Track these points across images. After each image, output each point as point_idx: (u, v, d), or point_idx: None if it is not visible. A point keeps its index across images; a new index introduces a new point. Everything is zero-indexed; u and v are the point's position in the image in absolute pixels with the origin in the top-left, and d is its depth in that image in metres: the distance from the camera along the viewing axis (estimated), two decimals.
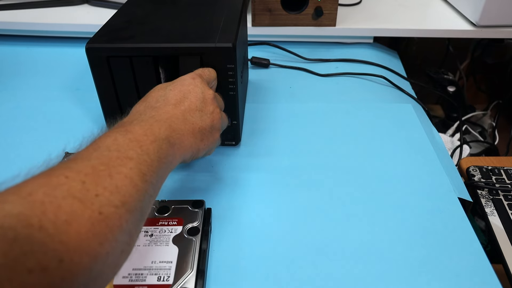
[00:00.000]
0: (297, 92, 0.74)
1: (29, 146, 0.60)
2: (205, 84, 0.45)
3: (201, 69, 0.48)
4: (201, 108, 0.43)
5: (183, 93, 0.43)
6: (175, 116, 0.40)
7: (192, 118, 0.41)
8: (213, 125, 0.44)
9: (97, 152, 0.32)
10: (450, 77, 1.13)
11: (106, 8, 0.94)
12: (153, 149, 0.34)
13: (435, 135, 0.68)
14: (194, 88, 0.43)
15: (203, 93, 0.44)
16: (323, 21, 0.85)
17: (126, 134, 0.34)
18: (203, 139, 0.42)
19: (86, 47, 0.50)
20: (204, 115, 0.43)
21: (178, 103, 0.41)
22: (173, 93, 0.42)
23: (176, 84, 0.44)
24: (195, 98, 0.43)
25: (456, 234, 0.47)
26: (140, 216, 0.32)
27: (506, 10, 0.81)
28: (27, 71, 0.80)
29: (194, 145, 0.41)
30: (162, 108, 0.40)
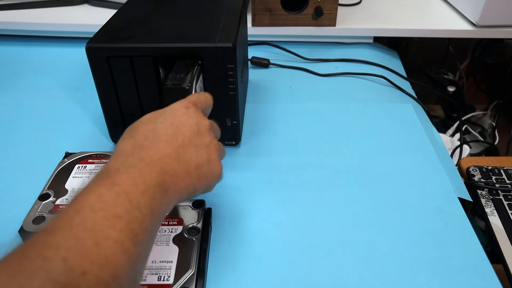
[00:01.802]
0: (297, 92, 0.74)
1: (29, 146, 0.60)
2: (199, 114, 0.40)
3: (196, 95, 0.43)
4: (196, 143, 0.38)
5: (176, 126, 0.37)
6: (167, 156, 0.35)
7: (187, 155, 0.36)
8: (211, 159, 0.39)
9: (79, 215, 0.27)
10: (450, 77, 1.13)
11: (106, 8, 0.94)
12: (145, 201, 0.30)
13: (435, 135, 0.68)
14: (188, 120, 0.38)
15: (198, 124, 0.39)
16: (323, 21, 0.85)
17: (112, 187, 0.30)
18: (200, 177, 0.37)
19: (86, 47, 0.50)
20: (200, 149, 0.38)
21: (170, 139, 0.36)
22: (163, 127, 0.37)
23: (167, 115, 0.38)
24: (189, 131, 0.38)
25: (456, 234, 0.47)
26: (133, 285, 0.28)
27: (506, 10, 0.81)
28: (27, 71, 0.80)
29: (190, 186, 0.36)
30: (152, 147, 0.35)
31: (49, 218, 0.28)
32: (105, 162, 0.53)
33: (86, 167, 0.53)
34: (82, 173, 0.52)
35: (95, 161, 0.54)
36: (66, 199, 0.48)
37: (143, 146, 0.35)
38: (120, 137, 0.58)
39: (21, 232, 0.45)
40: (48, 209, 0.47)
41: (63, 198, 0.48)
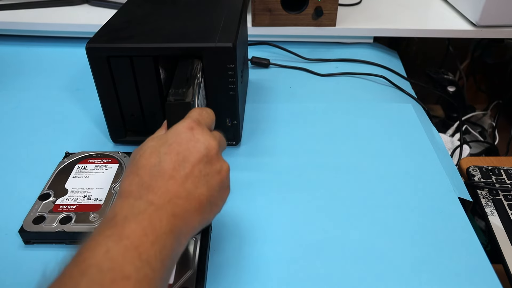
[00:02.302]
0: (297, 92, 0.74)
1: (29, 146, 0.60)
2: (206, 133, 0.36)
3: (198, 111, 0.39)
4: (207, 171, 0.34)
5: (182, 156, 0.34)
6: (177, 196, 0.32)
7: (198, 189, 0.33)
8: (223, 185, 0.36)
9: (86, 277, 0.26)
10: (450, 77, 1.13)
11: (106, 8, 0.94)
12: (155, 252, 0.28)
13: (435, 135, 0.68)
14: (195, 145, 0.34)
15: (206, 148, 0.35)
16: (323, 21, 0.85)
17: (120, 240, 0.28)
18: (212, 209, 0.35)
19: (87, 47, 0.51)
20: (211, 178, 0.34)
21: (178, 173, 0.33)
22: (169, 159, 0.33)
23: (171, 143, 0.34)
24: (197, 159, 0.34)
25: (456, 234, 0.47)
26: None
27: (506, 10, 0.81)
28: (27, 71, 0.80)
29: (202, 221, 0.34)
30: (160, 187, 0.32)
31: (53, 278, 0.26)
32: (105, 162, 0.53)
33: (86, 167, 0.53)
34: (82, 173, 0.52)
35: (95, 161, 0.54)
36: (66, 199, 0.48)
37: (150, 186, 0.32)
38: (120, 137, 0.58)
39: (21, 232, 0.45)
40: (48, 209, 0.47)
41: (63, 198, 0.48)
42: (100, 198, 0.48)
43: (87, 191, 0.49)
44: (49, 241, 0.46)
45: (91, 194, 0.49)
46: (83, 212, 0.46)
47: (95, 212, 0.46)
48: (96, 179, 0.51)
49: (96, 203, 0.48)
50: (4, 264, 0.44)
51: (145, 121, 0.58)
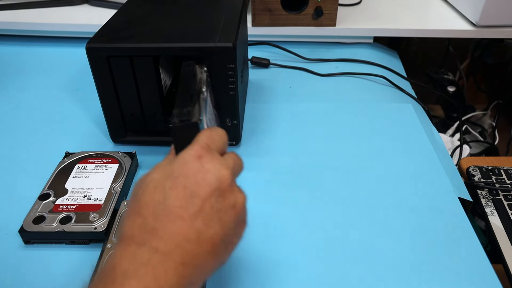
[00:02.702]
0: (297, 92, 0.74)
1: (29, 146, 0.60)
2: (216, 161, 0.31)
3: (207, 134, 0.33)
4: (219, 207, 0.30)
5: (190, 190, 0.29)
6: (186, 238, 0.28)
7: (210, 229, 0.29)
8: (238, 220, 0.31)
9: None
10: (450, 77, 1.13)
11: (106, 8, 0.94)
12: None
13: (435, 135, 0.68)
14: (205, 177, 0.30)
15: (218, 180, 0.30)
16: (323, 21, 0.85)
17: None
18: (228, 248, 0.31)
19: (87, 47, 0.51)
20: (224, 214, 0.30)
21: (186, 211, 0.28)
22: (175, 195, 0.29)
23: (178, 176, 0.30)
24: (208, 193, 0.29)
25: (456, 234, 0.47)
26: None
27: (506, 10, 0.81)
28: (27, 71, 0.80)
29: (216, 264, 0.30)
30: (166, 229, 0.28)
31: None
32: (105, 162, 0.53)
33: (86, 167, 0.53)
34: (82, 173, 0.52)
35: (95, 161, 0.54)
36: (66, 199, 0.48)
37: (154, 228, 0.28)
38: (120, 137, 0.58)
39: (21, 232, 0.45)
40: (48, 209, 0.47)
41: (63, 198, 0.48)
42: (100, 198, 0.48)
43: (87, 191, 0.49)
44: (49, 241, 0.46)
45: (91, 194, 0.49)
46: (83, 212, 0.46)
47: (95, 212, 0.46)
48: (96, 179, 0.51)
49: (96, 203, 0.48)
50: (4, 264, 0.44)
51: (145, 121, 0.58)
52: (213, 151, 0.32)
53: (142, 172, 0.56)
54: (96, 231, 0.45)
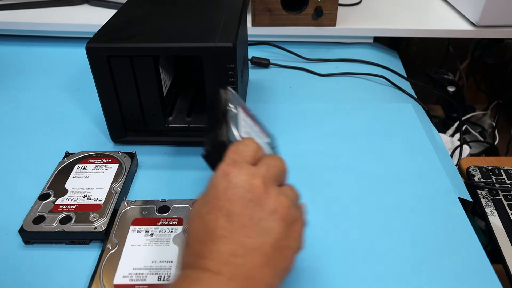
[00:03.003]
0: (297, 92, 0.74)
1: (29, 146, 0.60)
2: (243, 173, 0.31)
3: (233, 148, 0.34)
4: (259, 216, 0.30)
5: (225, 209, 0.30)
6: (233, 254, 0.28)
7: (255, 240, 0.29)
8: (286, 222, 0.31)
9: None
10: (450, 77, 1.13)
11: (106, 8, 0.94)
12: None
13: (435, 135, 0.68)
14: (234, 192, 0.30)
15: (249, 191, 0.30)
16: (323, 21, 0.85)
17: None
18: (285, 253, 0.30)
19: (87, 46, 0.51)
20: (267, 222, 0.30)
21: (225, 229, 0.29)
22: (212, 218, 0.30)
23: (211, 200, 0.31)
24: (243, 207, 0.30)
25: (456, 234, 0.47)
26: None
27: (506, 10, 0.81)
28: (27, 71, 0.80)
29: (277, 272, 0.30)
30: (212, 250, 0.29)
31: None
32: (105, 162, 0.53)
33: (86, 167, 0.53)
34: (82, 173, 0.52)
35: (95, 161, 0.54)
36: (66, 199, 0.48)
37: (201, 252, 0.29)
38: (120, 137, 0.58)
39: (21, 232, 0.45)
40: (48, 209, 0.47)
41: (63, 198, 0.48)
42: (100, 198, 0.48)
43: (87, 191, 0.49)
44: (49, 241, 0.46)
45: (91, 194, 0.49)
46: (83, 212, 0.46)
47: (95, 212, 0.46)
48: (96, 179, 0.51)
49: (96, 203, 0.48)
50: (4, 264, 0.44)
51: (145, 121, 0.58)
52: (241, 164, 0.32)
53: (142, 172, 0.56)
54: (96, 231, 0.45)
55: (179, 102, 0.65)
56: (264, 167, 0.33)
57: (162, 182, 0.54)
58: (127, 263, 0.41)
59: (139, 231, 0.44)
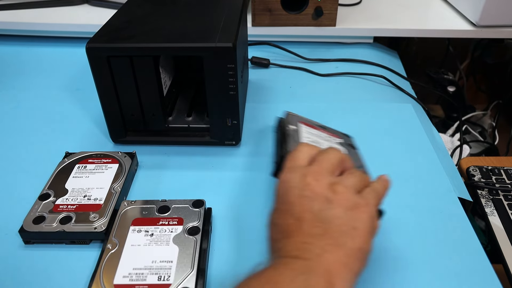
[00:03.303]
0: (297, 92, 0.74)
1: (29, 146, 0.60)
2: (297, 173, 0.36)
3: (289, 156, 0.38)
4: (319, 208, 0.34)
5: (289, 211, 0.34)
6: (304, 242, 0.33)
7: (320, 228, 0.33)
8: (346, 207, 0.34)
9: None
10: (450, 77, 1.13)
11: (106, 8, 0.94)
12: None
13: (435, 135, 0.68)
14: (292, 194, 0.35)
15: (303, 189, 0.34)
16: (323, 21, 0.85)
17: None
18: (350, 234, 0.33)
19: (87, 46, 0.51)
20: (326, 211, 0.34)
21: (295, 224, 0.34)
22: (282, 221, 0.35)
23: (277, 205, 0.36)
24: (302, 204, 0.34)
25: (456, 234, 0.47)
26: None
27: (506, 10, 0.81)
28: (27, 71, 0.80)
29: (346, 253, 0.33)
30: (287, 245, 0.33)
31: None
32: (105, 162, 0.54)
33: (86, 167, 0.53)
34: (82, 173, 0.52)
35: (95, 161, 0.54)
36: (66, 199, 0.48)
37: (278, 248, 0.34)
38: (120, 137, 0.58)
39: (21, 232, 0.45)
40: (48, 209, 0.47)
41: (63, 198, 0.48)
42: (100, 198, 0.48)
43: (87, 191, 0.49)
44: (49, 241, 0.46)
45: (91, 194, 0.49)
46: (83, 212, 0.46)
47: (95, 212, 0.46)
48: (96, 179, 0.51)
49: (96, 203, 0.48)
50: (4, 264, 0.44)
51: (145, 121, 0.58)
52: (294, 168, 0.36)
53: (142, 172, 0.56)
54: (96, 231, 0.45)
55: (179, 102, 0.65)
56: (316, 163, 0.36)
57: (162, 182, 0.54)
58: (127, 263, 0.41)
59: (139, 231, 0.44)
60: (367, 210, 0.35)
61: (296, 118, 0.52)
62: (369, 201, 0.35)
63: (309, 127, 0.51)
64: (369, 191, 0.36)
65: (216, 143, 0.59)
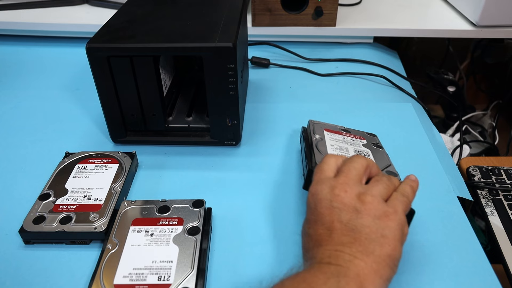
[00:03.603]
0: (297, 92, 0.74)
1: (29, 146, 0.60)
2: (326, 185, 0.38)
3: (317, 169, 0.41)
4: (347, 218, 0.35)
5: (320, 222, 0.36)
6: (335, 249, 0.34)
7: (349, 236, 0.34)
8: (375, 216, 0.35)
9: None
10: (450, 77, 1.13)
11: (106, 8, 0.94)
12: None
13: (436, 135, 0.68)
14: (322, 205, 0.37)
15: (332, 200, 0.36)
16: (323, 21, 0.85)
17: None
18: (379, 242, 0.34)
19: (87, 46, 0.51)
20: (354, 221, 0.35)
21: (325, 234, 0.35)
22: (313, 231, 0.37)
23: (308, 216, 0.38)
24: (332, 214, 0.36)
25: (456, 234, 0.47)
26: None
27: (506, 10, 0.81)
28: (27, 71, 0.80)
29: (376, 260, 0.34)
30: (318, 253, 0.35)
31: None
32: (105, 162, 0.54)
33: (86, 167, 0.53)
34: (82, 173, 0.52)
35: (95, 161, 0.54)
36: (66, 199, 0.48)
37: (311, 256, 0.36)
38: (120, 137, 0.58)
39: (21, 232, 0.45)
40: (48, 209, 0.47)
41: (63, 198, 0.48)
42: (100, 198, 0.48)
43: (87, 191, 0.49)
44: (49, 241, 0.46)
45: (91, 194, 0.49)
46: (83, 212, 0.46)
47: (95, 212, 0.46)
48: (96, 179, 0.51)
49: (96, 203, 0.48)
50: (4, 264, 0.44)
51: (145, 121, 0.58)
52: (323, 180, 0.38)
53: (142, 172, 0.56)
54: (96, 231, 0.45)
55: (179, 102, 0.65)
56: (343, 175, 0.38)
57: (162, 182, 0.54)
58: (127, 263, 0.41)
59: (139, 231, 0.44)
60: (396, 218, 0.36)
61: (320, 126, 0.55)
62: (397, 208, 0.36)
63: (333, 133, 0.54)
64: (397, 197, 0.38)
65: (216, 143, 0.59)
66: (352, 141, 0.54)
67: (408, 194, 0.39)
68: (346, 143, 0.52)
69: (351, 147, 0.52)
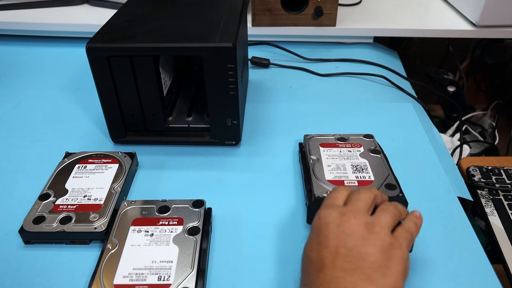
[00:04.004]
0: (297, 92, 0.74)
1: (29, 146, 0.60)
2: (334, 211, 0.38)
3: (328, 195, 0.41)
4: (353, 244, 0.35)
5: (324, 245, 0.36)
6: (336, 276, 0.34)
7: (353, 263, 0.34)
8: (382, 246, 0.35)
9: None
10: (450, 77, 1.13)
11: (106, 8, 0.94)
12: None
13: (436, 135, 0.68)
14: (328, 229, 0.36)
15: (340, 225, 0.36)
16: (323, 21, 0.85)
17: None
18: (382, 272, 0.34)
19: (87, 46, 0.51)
20: (360, 248, 0.35)
21: (329, 258, 0.35)
22: (315, 254, 0.36)
23: (312, 238, 0.37)
24: (337, 239, 0.35)
25: (456, 234, 0.47)
26: None
27: (506, 10, 0.81)
28: (27, 71, 0.80)
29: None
30: (319, 279, 0.34)
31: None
32: (105, 162, 0.54)
33: (86, 167, 0.53)
34: (82, 173, 0.52)
35: (95, 161, 0.54)
36: (66, 199, 0.48)
37: (309, 281, 0.35)
38: (120, 137, 0.58)
39: (21, 232, 0.45)
40: (48, 209, 0.47)
41: (63, 198, 0.48)
42: (100, 198, 0.48)
43: (87, 191, 0.49)
44: (49, 241, 0.46)
45: (91, 194, 0.49)
46: (83, 212, 0.46)
47: (95, 212, 0.46)
48: (96, 179, 0.51)
49: (96, 203, 0.48)
50: (4, 264, 0.44)
51: (145, 121, 0.58)
52: (331, 206, 0.39)
53: (142, 172, 0.56)
54: (96, 231, 0.45)
55: (179, 102, 0.65)
56: (352, 204, 0.38)
57: (162, 182, 0.54)
58: (127, 263, 0.41)
59: (139, 231, 0.44)
60: (400, 252, 0.36)
61: (315, 141, 0.56)
62: (402, 243, 0.36)
63: (329, 147, 0.55)
64: (402, 232, 0.38)
65: (216, 143, 0.59)
66: (348, 153, 0.54)
67: (412, 230, 0.39)
68: (342, 159, 0.53)
69: (348, 162, 0.52)
